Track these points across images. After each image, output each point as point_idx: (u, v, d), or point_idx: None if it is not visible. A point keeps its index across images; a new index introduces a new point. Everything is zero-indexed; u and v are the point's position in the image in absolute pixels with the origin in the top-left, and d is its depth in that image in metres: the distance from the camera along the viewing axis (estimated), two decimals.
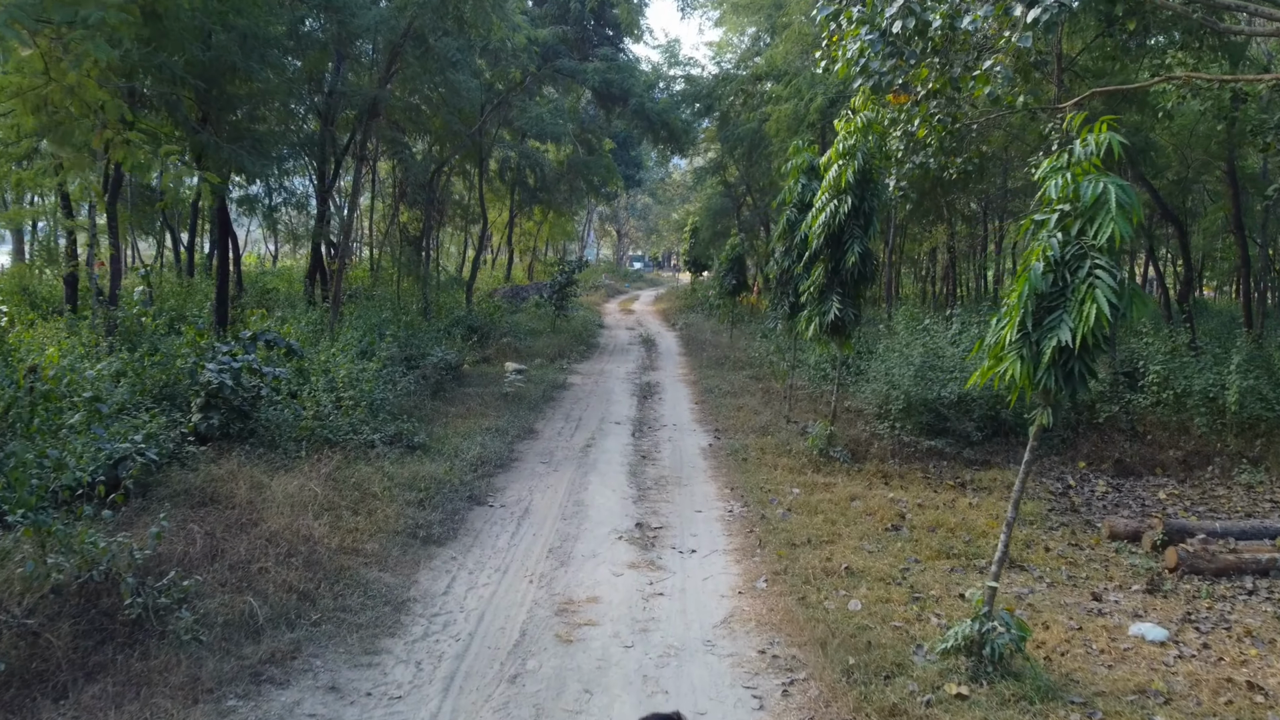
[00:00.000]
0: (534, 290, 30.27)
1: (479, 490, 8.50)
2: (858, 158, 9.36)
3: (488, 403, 12.53)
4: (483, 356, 17.05)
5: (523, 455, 10.14)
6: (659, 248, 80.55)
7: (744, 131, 20.19)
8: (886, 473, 9.61)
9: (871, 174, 9.62)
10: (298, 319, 13.19)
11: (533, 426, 11.69)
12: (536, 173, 29.43)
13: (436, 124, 20.68)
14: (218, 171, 14.76)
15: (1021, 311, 4.82)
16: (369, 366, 10.60)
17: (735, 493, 8.81)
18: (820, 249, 9.72)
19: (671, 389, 15.51)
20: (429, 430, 10.49)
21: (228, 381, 8.62)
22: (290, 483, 7.36)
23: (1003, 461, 10.56)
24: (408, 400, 11.35)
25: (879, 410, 11.09)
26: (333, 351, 11.26)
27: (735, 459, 10.10)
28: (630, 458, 10.25)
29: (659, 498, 8.64)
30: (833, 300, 9.55)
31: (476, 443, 9.96)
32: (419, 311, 19.13)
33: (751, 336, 20.96)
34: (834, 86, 16.24)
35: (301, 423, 9.22)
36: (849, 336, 9.90)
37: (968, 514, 8.32)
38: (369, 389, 9.89)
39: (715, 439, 11.39)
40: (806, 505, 8.18)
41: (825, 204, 9.56)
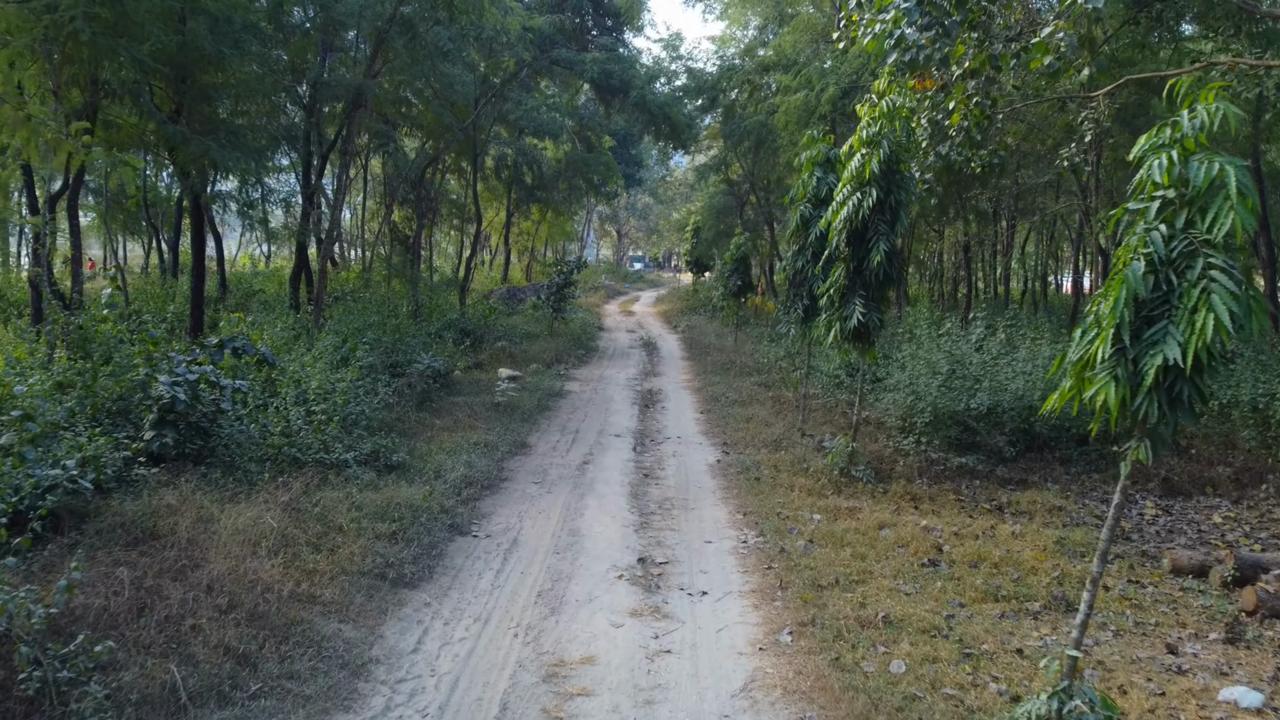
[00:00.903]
0: (531, 291, 29.35)
1: (462, 518, 7.57)
2: (883, 146, 8.45)
3: (478, 414, 11.61)
4: (475, 362, 16.14)
5: (513, 474, 9.22)
6: (659, 248, 79.71)
7: (750, 125, 19.28)
8: (915, 495, 8.69)
9: (898, 164, 8.71)
10: (273, 323, 12.26)
11: (525, 440, 10.77)
12: (534, 170, 28.53)
13: (428, 118, 19.78)
14: (191, 166, 13.90)
15: (1116, 322, 3.90)
16: (345, 376, 9.68)
17: (749, 519, 7.89)
18: (840, 247, 8.81)
19: (675, 397, 14.60)
20: (411, 446, 9.58)
21: (181, 396, 7.69)
22: (243, 514, 6.43)
23: (1040, 480, 9.64)
24: (388, 413, 10.44)
25: (902, 424, 10.18)
26: (307, 360, 10.35)
27: (747, 478, 9.19)
28: (631, 476, 9.33)
29: (664, 525, 7.71)
30: (855, 304, 8.64)
31: (462, 460, 9.04)
32: (409, 314, 18.22)
33: (758, 340, 20.05)
34: (846, 76, 15.34)
35: (269, 440, 8.31)
36: (872, 343, 8.98)
37: (1011, 545, 7.40)
38: (342, 402, 8.98)
39: (724, 454, 10.47)
40: (830, 535, 7.25)
41: (847, 198, 8.64)
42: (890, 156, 8.51)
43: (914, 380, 10.18)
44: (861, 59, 15.38)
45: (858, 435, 9.26)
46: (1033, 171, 16.10)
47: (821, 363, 13.71)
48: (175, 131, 11.72)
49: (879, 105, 8.55)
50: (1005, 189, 16.69)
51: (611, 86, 18.48)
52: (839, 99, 15.00)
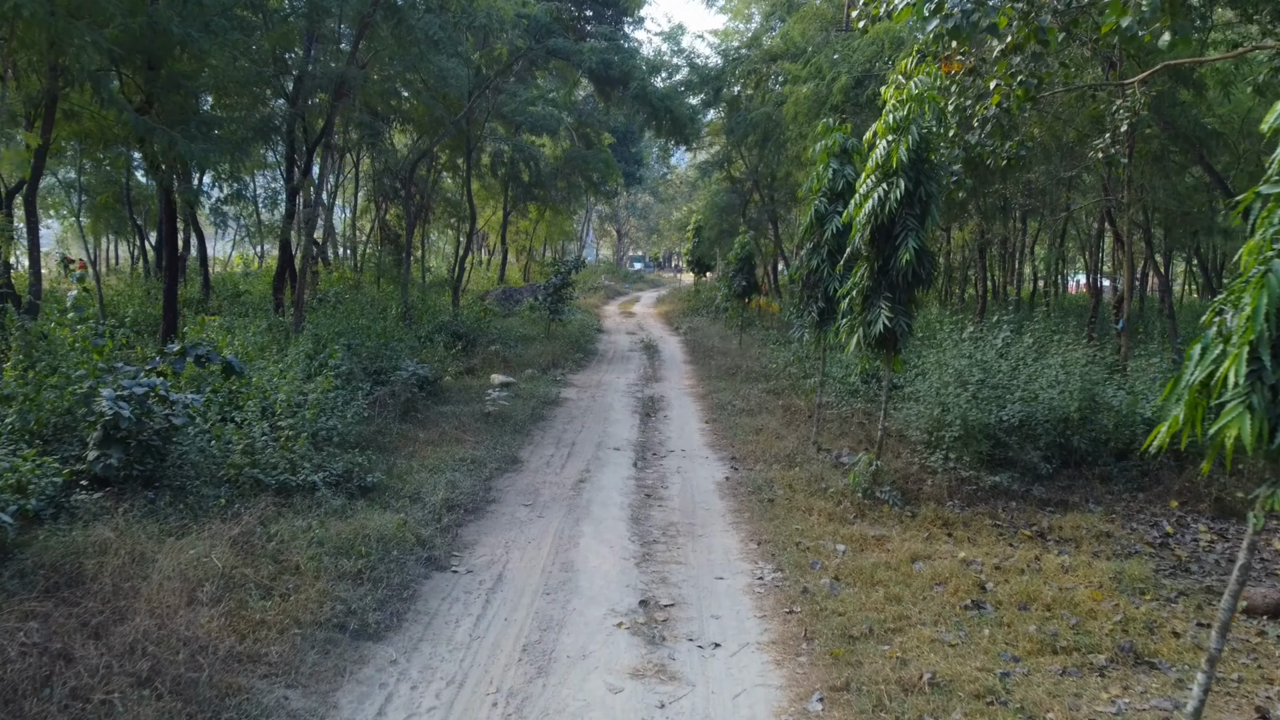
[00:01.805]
0: (529, 292, 28.48)
1: (440, 549, 6.71)
2: (911, 132, 7.59)
3: (466, 425, 10.75)
4: (467, 367, 15.28)
5: (501, 495, 8.36)
6: (660, 248, 78.90)
7: (756, 118, 18.42)
8: (947, 520, 7.83)
9: (928, 152, 7.85)
10: (246, 328, 11.40)
11: (516, 455, 9.91)
12: (531, 168, 27.69)
13: (419, 112, 18.93)
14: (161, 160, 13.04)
15: (1254, 337, 3.04)
16: (319, 385, 8.81)
17: (764, 549, 7.02)
18: (863, 245, 7.95)
19: (678, 404, 13.74)
20: (390, 463, 8.72)
21: (124, 411, 6.84)
22: (185, 551, 5.58)
23: (1081, 501, 8.78)
24: (367, 426, 9.58)
25: (928, 438, 9.32)
26: (274, 369, 9.50)
27: (759, 499, 8.33)
28: (632, 496, 8.48)
29: (668, 556, 6.86)
30: (880, 307, 7.77)
31: (444, 480, 8.18)
32: (399, 317, 17.36)
33: (764, 343, 19.19)
34: (859, 65, 14.47)
35: (229, 460, 7.46)
36: (899, 351, 8.13)
37: (1061, 581, 6.54)
38: (311, 416, 8.11)
39: (732, 470, 9.62)
40: (858, 571, 6.39)
41: (871, 190, 7.79)
42: (920, 143, 7.65)
43: (941, 390, 9.32)
44: (875, 46, 14.53)
45: (882, 451, 8.39)
46: (1056, 166, 15.24)
47: (835, 369, 12.85)
48: (139, 122, 10.86)
49: (906, 87, 7.69)
50: (1029, 184, 15.83)
51: (611, 77, 17.62)
52: (851, 89, 14.14)
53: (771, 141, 18.81)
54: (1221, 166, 16.60)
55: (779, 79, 17.59)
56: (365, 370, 11.81)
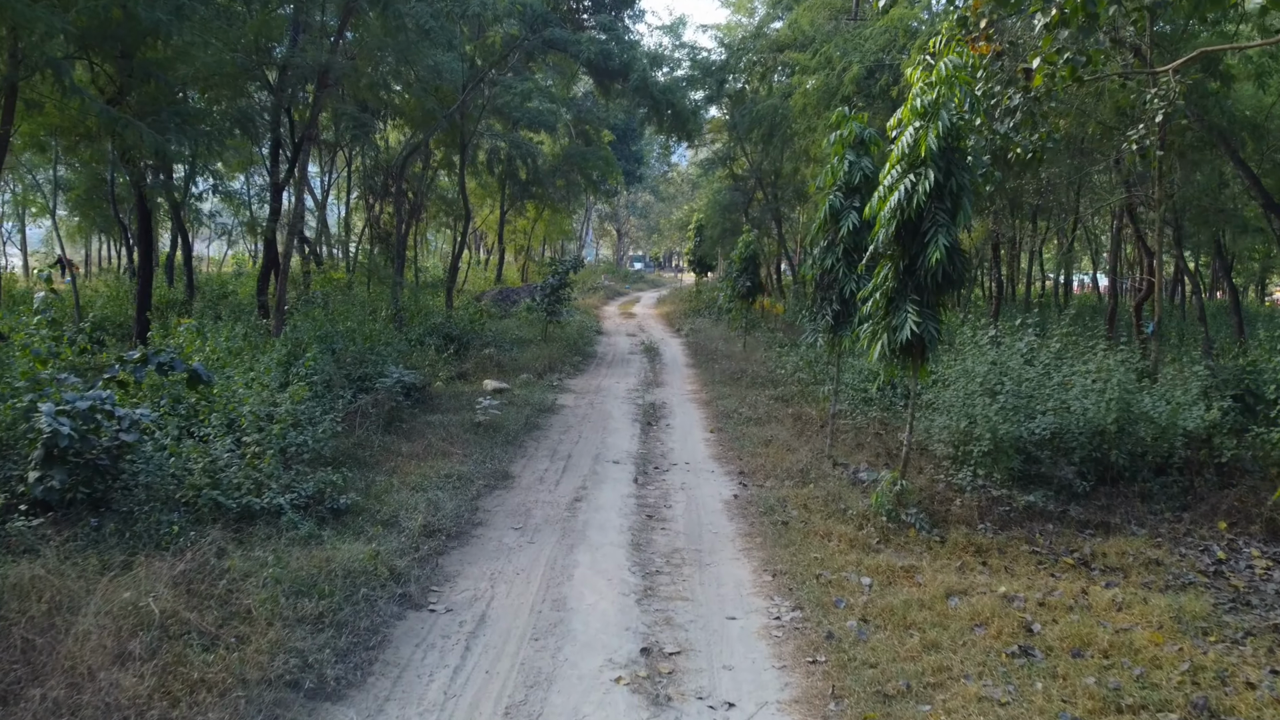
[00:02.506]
0: (526, 293, 27.74)
1: (417, 583, 5.98)
2: (941, 117, 6.87)
3: (454, 436, 10.02)
4: (459, 372, 14.55)
5: (489, 517, 7.63)
6: (660, 247, 78.22)
7: (762, 110, 17.68)
8: (980, 546, 7.10)
9: (960, 139, 7.13)
10: (218, 332, 10.67)
11: (507, 469, 9.18)
12: (528, 165, 26.97)
13: (410, 106, 18.21)
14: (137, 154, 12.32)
15: None
16: (290, 395, 8.08)
17: (780, 582, 6.29)
18: (887, 242, 7.22)
19: (681, 412, 13.01)
20: (368, 481, 8.00)
21: (64, 428, 6.12)
22: (121, 592, 4.86)
23: (1122, 522, 8.05)
24: (346, 439, 8.86)
25: (954, 452, 8.59)
26: (250, 376, 8.78)
27: (771, 521, 7.59)
28: (632, 518, 7.75)
29: (673, 591, 6.13)
30: (906, 311, 7.04)
31: (427, 500, 7.46)
32: (389, 319, 16.65)
33: (769, 346, 18.47)
34: (872, 54, 13.74)
35: (187, 481, 6.75)
36: (927, 359, 7.40)
37: (1115, 619, 5.81)
38: (278, 432, 7.38)
39: (741, 486, 8.89)
40: (889, 612, 5.66)
41: (896, 181, 7.06)
42: (951, 130, 6.93)
43: (968, 400, 8.59)
44: (888, 35, 13.81)
45: (906, 469, 7.66)
46: (1080, 161, 14.51)
47: (848, 375, 12.12)
48: (103, 112, 10.13)
49: (935, 68, 6.97)
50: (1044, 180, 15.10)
51: (610, 70, 16.89)
52: (864, 79, 13.41)
53: (777, 136, 18.08)
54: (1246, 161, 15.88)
55: (786, 71, 16.85)
56: (348, 377, 11.09)
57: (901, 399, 11.52)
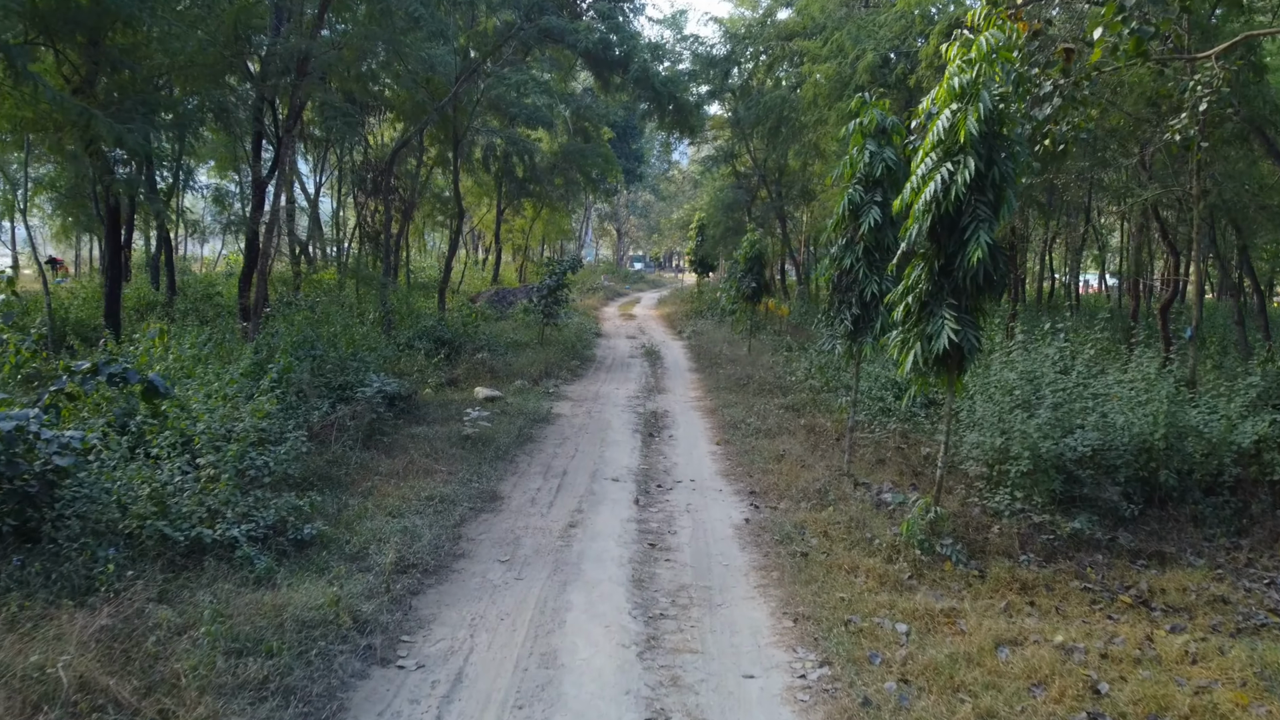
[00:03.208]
0: (523, 294, 26.94)
1: (385, 633, 5.19)
2: (982, 98, 6.08)
3: (439, 451, 9.23)
4: (449, 378, 13.74)
5: (473, 547, 6.82)
6: (661, 247, 77.44)
7: (769, 102, 16.88)
8: (1025, 582, 6.30)
9: (1002, 123, 6.34)
10: (180, 338, 9.86)
11: (496, 489, 8.38)
12: (525, 162, 26.16)
13: (400, 99, 17.42)
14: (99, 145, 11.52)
15: None
16: (251, 410, 7.28)
17: (803, 630, 5.49)
18: (920, 239, 6.43)
19: (685, 422, 12.22)
20: (340, 505, 7.21)
21: None
22: (27, 655, 4.07)
23: (1177, 550, 7.27)
24: (319, 457, 8.07)
25: (989, 472, 7.79)
26: (213, 388, 7.99)
27: (789, 552, 6.80)
28: (632, 548, 6.95)
29: (680, 640, 5.33)
30: (943, 316, 6.25)
31: (403, 528, 6.67)
32: (376, 322, 15.85)
33: (775, 350, 17.68)
34: (887, 41, 12.95)
35: (132, 509, 5.95)
36: (964, 370, 6.61)
37: (1190, 674, 5.01)
38: (234, 454, 6.58)
39: (752, 509, 8.09)
40: (932, 669, 4.86)
41: (931, 171, 6.27)
42: (993, 113, 6.14)
43: (1004, 414, 7.80)
44: (904, 20, 13.02)
45: (940, 495, 6.85)
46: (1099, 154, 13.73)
47: (864, 382, 11.33)
48: (61, 101, 9.33)
49: (975, 43, 6.18)
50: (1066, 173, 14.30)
51: (609, 60, 16.09)
52: (878, 67, 12.61)
53: (785, 129, 17.28)
54: None
55: (794, 61, 16.07)
56: (327, 385, 10.30)
57: (922, 409, 10.74)
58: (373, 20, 13.56)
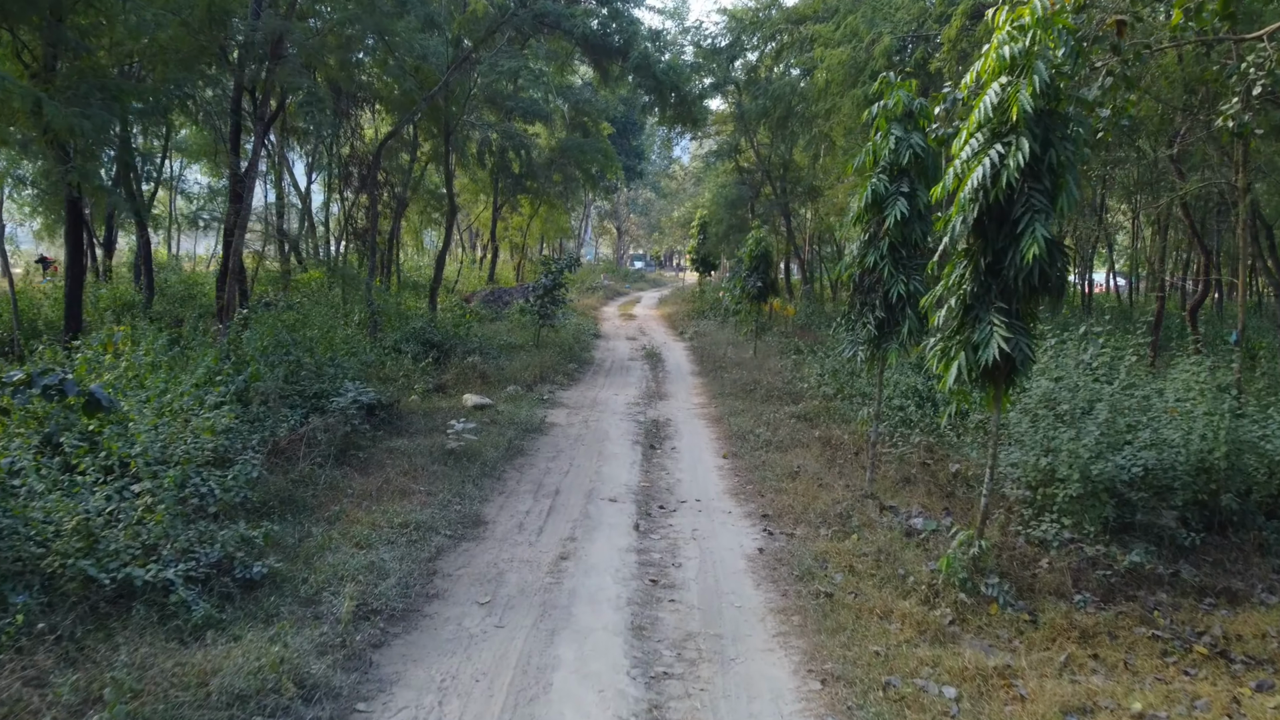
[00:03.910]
0: (520, 293, 26.11)
1: (335, 702, 4.35)
2: (1038, 70, 5.24)
3: (420, 468, 8.40)
4: (437, 384, 12.91)
5: (449, 586, 5.99)
6: (662, 246, 76.63)
7: (778, 90, 16.03)
8: (1085, 629, 5.46)
9: (1059, 100, 5.50)
10: (134, 342, 9.01)
11: (479, 513, 7.55)
12: (522, 157, 25.32)
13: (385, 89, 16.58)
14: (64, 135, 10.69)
15: None
16: (197, 427, 6.45)
17: (833, 693, 4.65)
18: (964, 233, 5.59)
19: (688, 431, 11.38)
20: (302, 533, 6.39)
21: None
22: None
23: (1247, 586, 6.42)
24: (281, 477, 7.24)
25: (1032, 495, 6.95)
26: (164, 402, 7.15)
27: (810, 592, 5.96)
28: (632, 585, 6.11)
29: (688, 710, 4.49)
30: (991, 322, 5.41)
31: (369, 563, 5.84)
32: (361, 324, 15.03)
33: (782, 353, 16.85)
34: (904, 24, 12.11)
35: (54, 546, 5.13)
36: (1014, 383, 5.77)
37: None
38: (173, 480, 5.74)
39: (766, 535, 7.25)
40: None
41: (977, 154, 5.43)
42: (1049, 87, 5.30)
43: (1049, 430, 6.96)
44: (922, 2, 12.17)
45: (984, 526, 6.01)
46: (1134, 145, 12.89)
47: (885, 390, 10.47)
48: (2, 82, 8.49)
49: (1029, 6, 5.34)
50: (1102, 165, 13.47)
51: (608, 48, 15.25)
52: (896, 52, 11.77)
53: (794, 120, 16.44)
54: None
55: (803, 48, 15.22)
56: (301, 394, 9.47)
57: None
58: (359, 4, 12.73)
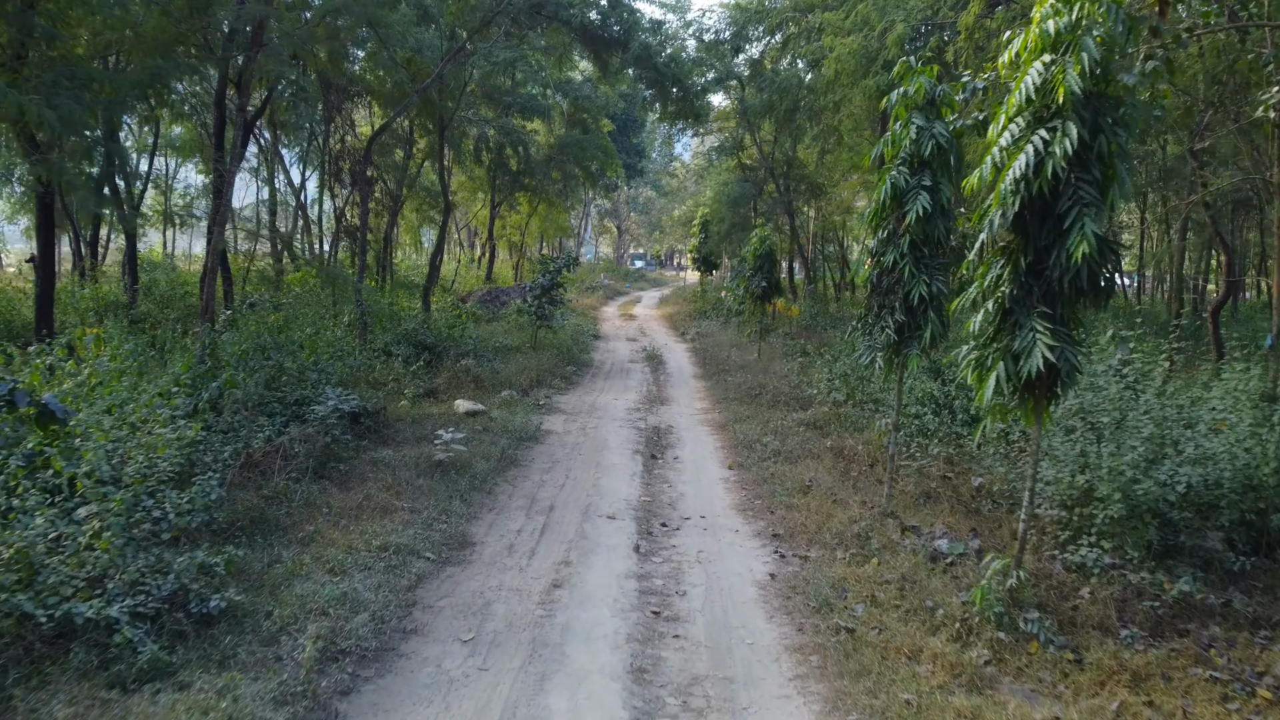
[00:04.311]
0: (518, 293, 25.53)
1: None
2: (1087, 47, 4.68)
3: (404, 482, 7.83)
4: (428, 388, 12.34)
5: (429, 619, 5.42)
6: (662, 245, 76.09)
7: (784, 83, 15.46)
8: (1136, 670, 4.89)
9: (1110, 80, 4.93)
10: (103, 344, 8.45)
11: (466, 532, 6.98)
12: (519, 153, 24.75)
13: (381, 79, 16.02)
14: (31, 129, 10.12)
15: None
16: (150, 445, 5.88)
17: None
18: (1003, 229, 5.02)
19: (691, 440, 10.82)
20: (271, 557, 5.83)
21: None
22: None
23: None
24: (252, 494, 6.68)
25: (1067, 517, 6.39)
26: (122, 414, 6.59)
27: (829, 626, 5.39)
28: (631, 618, 5.55)
29: None
30: (1034, 329, 4.85)
31: (341, 595, 5.27)
32: (351, 325, 14.46)
33: (788, 355, 16.29)
34: (919, 10, 11.53)
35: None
36: (1058, 397, 5.21)
37: None
38: (121, 504, 5.17)
39: (778, 558, 6.69)
40: None
41: (1019, 139, 4.87)
42: (1099, 67, 4.74)
43: (1087, 446, 6.39)
44: None
45: (1023, 554, 5.44)
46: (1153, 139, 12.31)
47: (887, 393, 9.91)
48: None
49: None
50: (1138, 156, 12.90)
51: (608, 38, 14.69)
52: (909, 41, 11.20)
53: (801, 113, 15.87)
54: None
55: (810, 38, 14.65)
56: (281, 401, 8.91)
57: (964, 427, 9.34)
58: None
